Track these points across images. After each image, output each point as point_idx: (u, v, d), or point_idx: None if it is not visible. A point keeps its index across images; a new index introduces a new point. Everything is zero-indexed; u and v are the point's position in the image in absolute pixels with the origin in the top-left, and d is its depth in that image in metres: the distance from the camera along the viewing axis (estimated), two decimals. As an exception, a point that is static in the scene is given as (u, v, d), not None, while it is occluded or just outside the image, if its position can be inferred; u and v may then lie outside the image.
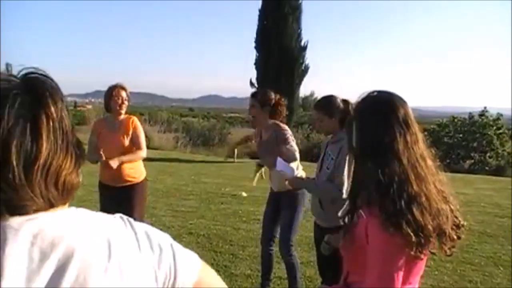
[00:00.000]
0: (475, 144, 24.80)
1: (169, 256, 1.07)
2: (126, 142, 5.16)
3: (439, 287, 5.58)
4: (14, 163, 0.88)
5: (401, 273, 1.79)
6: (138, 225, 1.08)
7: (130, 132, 5.20)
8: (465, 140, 25.08)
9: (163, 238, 1.10)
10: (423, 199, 1.83)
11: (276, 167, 4.38)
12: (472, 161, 24.60)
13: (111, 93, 5.19)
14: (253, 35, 20.38)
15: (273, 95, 4.85)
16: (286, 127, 4.78)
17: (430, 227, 1.80)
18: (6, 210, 0.91)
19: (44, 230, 0.91)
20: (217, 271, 4.99)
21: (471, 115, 26.15)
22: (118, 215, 1.11)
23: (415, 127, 1.95)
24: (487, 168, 23.22)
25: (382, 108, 1.97)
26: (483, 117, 25.45)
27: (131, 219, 1.09)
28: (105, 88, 5.33)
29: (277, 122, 4.82)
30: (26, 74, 0.98)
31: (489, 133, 24.63)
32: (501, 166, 23.22)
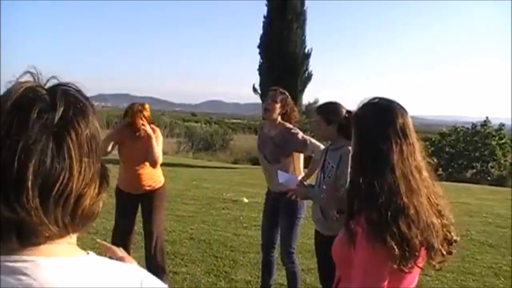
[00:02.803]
0: (477, 154, 24.78)
1: None
2: (146, 152, 5.12)
3: (440, 296, 5.56)
4: (30, 184, 0.79)
5: (384, 284, 1.77)
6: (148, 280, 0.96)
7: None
8: (467, 150, 25.06)
9: None
10: (412, 212, 1.79)
11: (279, 180, 4.39)
12: (474, 170, 24.59)
13: (128, 111, 5.20)
14: (257, 41, 20.42)
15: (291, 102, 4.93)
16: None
17: (416, 241, 1.77)
18: (16, 235, 0.82)
19: (37, 280, 0.81)
20: (218, 276, 5.03)
21: (473, 125, 26.15)
22: (133, 268, 0.99)
23: (413, 137, 1.93)
24: (489, 178, 23.21)
25: (380, 116, 1.95)
26: (485, 127, 25.44)
27: (141, 272, 0.97)
28: (108, 92, 5.36)
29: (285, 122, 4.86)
30: (55, 86, 0.89)
31: (491, 143, 24.61)
32: (503, 176, 23.20)
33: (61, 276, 0.83)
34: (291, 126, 4.83)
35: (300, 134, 4.74)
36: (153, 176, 5.29)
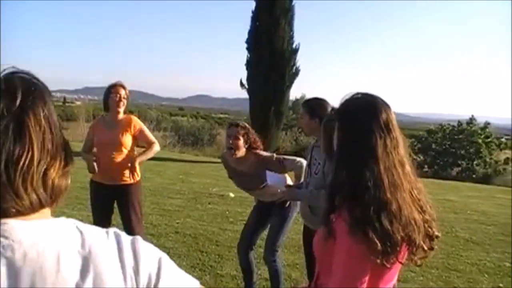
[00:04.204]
0: (462, 152, 24.93)
1: (153, 268, 0.99)
2: (124, 140, 5.04)
3: (424, 293, 5.59)
4: None
5: (365, 279, 1.76)
6: (125, 239, 1.01)
7: (131, 132, 5.12)
8: (453, 148, 25.21)
9: (151, 255, 1.02)
10: (394, 207, 1.79)
11: (268, 182, 4.38)
12: (460, 168, 24.75)
13: (110, 91, 5.10)
14: (245, 36, 20.37)
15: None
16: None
17: (398, 236, 1.77)
18: None
19: (15, 240, 0.87)
20: (203, 271, 4.99)
21: (459, 123, 26.30)
22: (111, 229, 1.04)
23: (396, 132, 1.92)
24: (474, 175, 23.36)
25: (364, 111, 1.94)
26: (471, 125, 25.61)
27: (120, 232, 1.03)
28: (95, 85, 5.29)
29: (254, 151, 4.75)
30: (10, 73, 0.96)
31: (477, 141, 24.78)
32: (488, 174, 23.38)
33: (36, 234, 0.90)
34: (259, 152, 4.72)
35: (274, 157, 4.65)
36: (128, 168, 5.15)
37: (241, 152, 4.67)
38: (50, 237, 0.91)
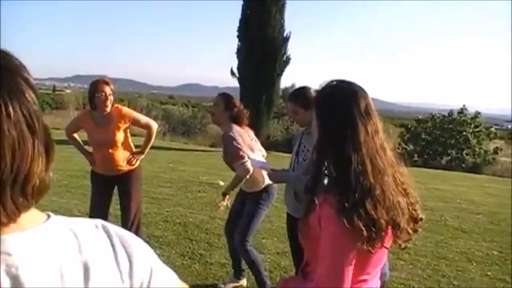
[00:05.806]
0: (452, 141, 25.02)
1: (145, 271, 0.96)
2: (117, 137, 5.01)
3: (413, 280, 5.61)
4: None
5: (351, 265, 1.77)
6: (115, 235, 0.95)
7: (123, 125, 5.07)
8: (443, 137, 25.28)
9: (144, 258, 0.97)
10: (378, 192, 1.81)
11: (254, 165, 4.40)
12: (449, 157, 24.84)
13: (94, 89, 4.92)
14: (236, 24, 20.33)
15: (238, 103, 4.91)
16: (232, 133, 4.71)
17: (382, 221, 1.78)
18: None
19: (16, 256, 0.78)
20: (192, 259, 4.99)
21: (450, 113, 26.36)
22: (98, 222, 0.97)
23: (376, 118, 1.94)
24: (463, 165, 23.47)
25: (343, 98, 1.95)
26: (461, 115, 25.67)
27: (107, 226, 0.96)
28: (85, 73, 5.24)
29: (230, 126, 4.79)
30: None
31: (466, 130, 24.87)
32: (478, 164, 23.50)
33: (34, 245, 0.81)
34: (230, 132, 4.70)
35: (234, 145, 4.63)
36: (127, 157, 5.18)
37: (218, 119, 4.95)
38: (48, 247, 0.83)
